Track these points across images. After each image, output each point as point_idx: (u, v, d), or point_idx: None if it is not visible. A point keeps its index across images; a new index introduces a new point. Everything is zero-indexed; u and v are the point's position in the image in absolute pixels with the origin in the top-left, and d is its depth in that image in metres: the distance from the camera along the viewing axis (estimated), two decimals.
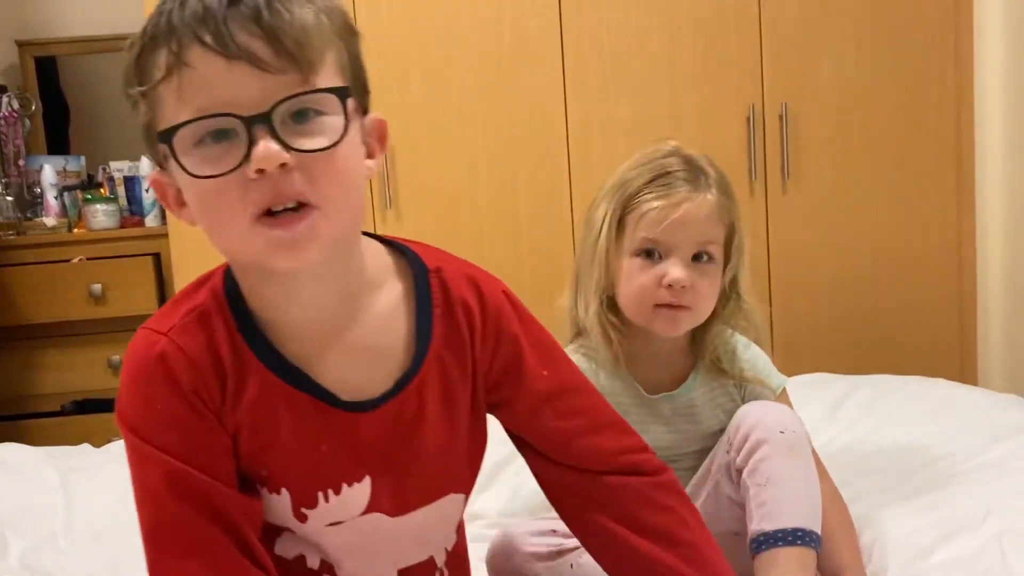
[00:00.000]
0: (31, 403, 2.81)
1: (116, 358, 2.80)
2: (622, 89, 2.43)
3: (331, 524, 0.88)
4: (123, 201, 2.98)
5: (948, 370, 2.36)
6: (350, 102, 0.78)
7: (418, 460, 0.88)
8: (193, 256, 2.46)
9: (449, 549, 0.97)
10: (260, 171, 0.73)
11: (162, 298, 2.77)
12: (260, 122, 0.73)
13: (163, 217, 2.80)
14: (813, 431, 1.17)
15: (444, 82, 2.42)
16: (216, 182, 0.74)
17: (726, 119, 2.43)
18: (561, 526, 1.20)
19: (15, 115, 3.08)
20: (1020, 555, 1.07)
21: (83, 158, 3.16)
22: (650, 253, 1.17)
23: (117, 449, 1.77)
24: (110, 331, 2.78)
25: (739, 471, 1.11)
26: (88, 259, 2.77)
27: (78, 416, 2.79)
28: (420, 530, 0.92)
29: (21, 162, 3.09)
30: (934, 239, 2.47)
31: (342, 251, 0.82)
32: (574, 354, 1.25)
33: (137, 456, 0.85)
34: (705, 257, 1.18)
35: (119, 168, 3.03)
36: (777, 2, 2.40)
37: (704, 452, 1.23)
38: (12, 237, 2.85)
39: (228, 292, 0.85)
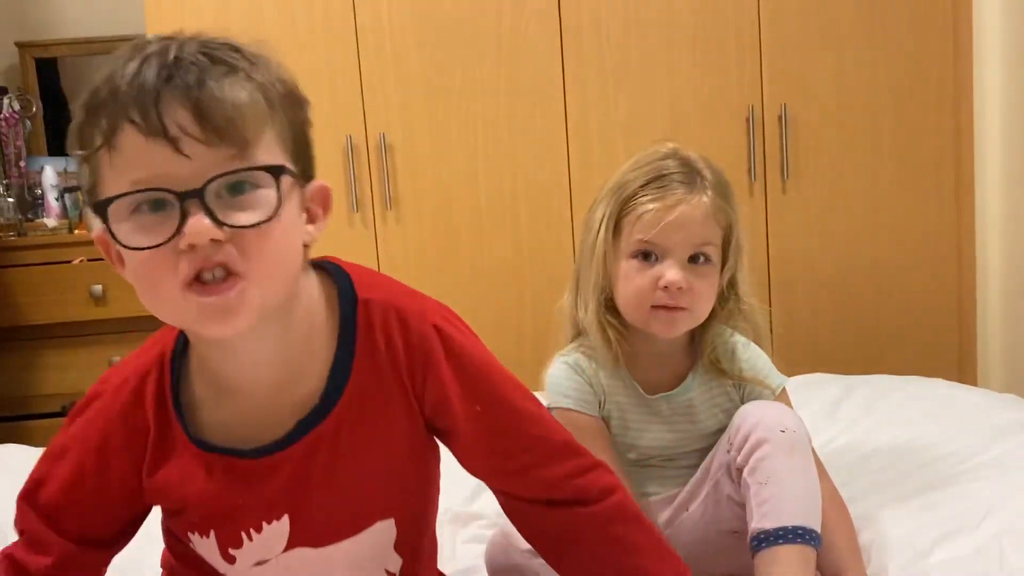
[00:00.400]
0: (32, 404, 2.81)
1: (117, 359, 2.80)
2: (621, 90, 2.43)
3: (257, 564, 0.90)
4: None
5: (947, 370, 2.36)
6: (285, 179, 0.79)
7: (336, 495, 0.88)
8: None
9: (394, 571, 0.95)
10: (191, 245, 0.74)
11: None
12: (192, 197, 0.74)
13: None
14: (812, 431, 1.17)
15: (444, 83, 2.43)
16: (149, 252, 0.75)
17: (725, 120, 2.43)
18: None
19: (16, 116, 3.09)
20: (1019, 554, 1.07)
21: None
22: (647, 255, 1.18)
23: None
24: (111, 332, 2.78)
25: (739, 470, 1.11)
26: (89, 260, 2.77)
27: None
28: (350, 559, 0.91)
29: (22, 163, 3.09)
30: (933, 239, 2.48)
31: (276, 316, 0.83)
32: (574, 352, 1.26)
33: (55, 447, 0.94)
34: (702, 259, 1.18)
35: None
36: (776, 3, 2.40)
37: (704, 451, 1.23)
38: (13, 238, 2.85)
39: (175, 354, 0.90)
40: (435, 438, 0.94)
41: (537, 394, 1.24)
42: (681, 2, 2.41)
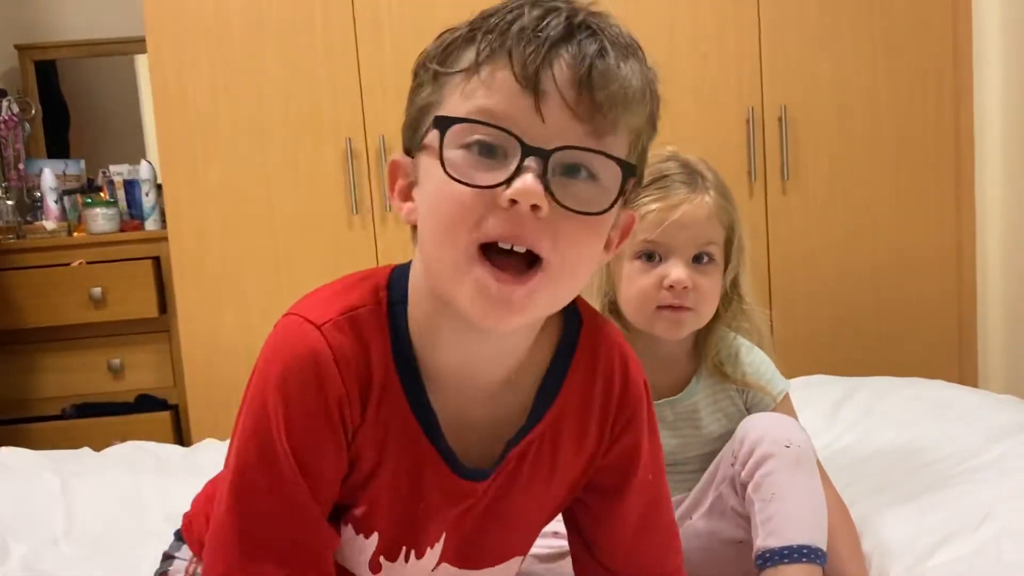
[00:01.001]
0: (31, 407, 2.81)
1: (116, 362, 2.80)
2: None
3: None
4: (123, 205, 2.98)
5: (948, 371, 2.36)
6: (630, 181, 0.73)
7: (498, 525, 0.83)
8: (193, 260, 2.46)
9: None
10: (513, 202, 0.67)
11: (162, 302, 2.77)
12: (537, 155, 0.68)
13: (163, 220, 2.80)
14: (812, 433, 1.17)
15: None
16: (464, 191, 0.68)
17: (726, 121, 2.43)
18: (563, 528, 1.20)
19: (15, 119, 3.09)
20: (1018, 556, 1.07)
21: (83, 162, 3.17)
22: (650, 256, 1.18)
23: (117, 453, 1.77)
24: (110, 335, 2.79)
25: (744, 485, 1.10)
26: (88, 263, 2.77)
27: (78, 420, 2.79)
28: None
29: (21, 166, 3.09)
30: (933, 240, 2.48)
31: (537, 327, 0.78)
32: None
33: (257, 440, 0.76)
34: (705, 258, 1.18)
35: (119, 172, 3.03)
36: (776, 4, 2.40)
37: (708, 456, 1.23)
38: (12, 241, 2.85)
39: (391, 302, 0.77)
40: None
41: None
42: (681, 4, 2.41)
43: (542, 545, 1.18)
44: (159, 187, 2.81)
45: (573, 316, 0.82)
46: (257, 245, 2.46)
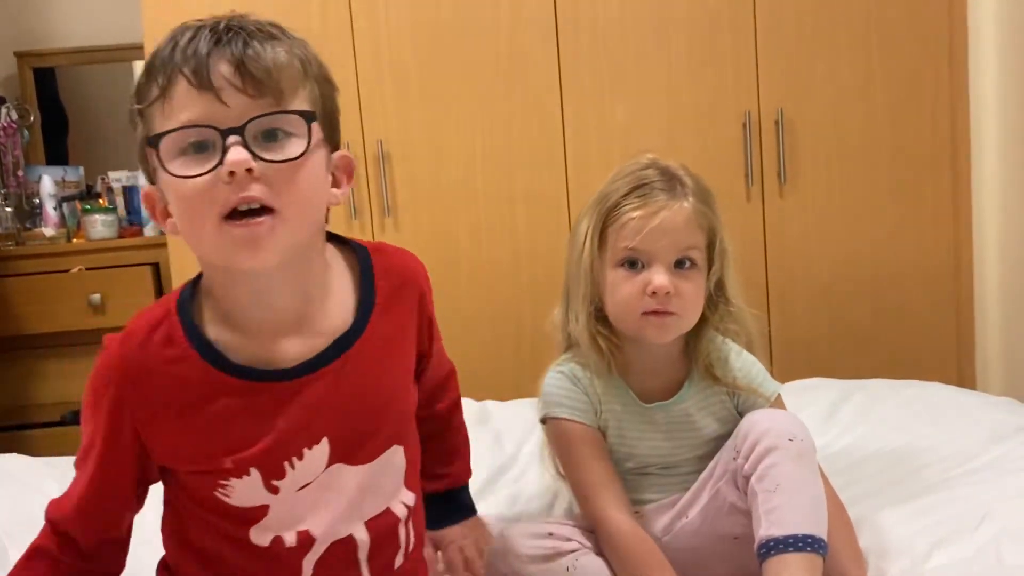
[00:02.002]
0: (31, 413, 2.82)
1: None
2: (618, 95, 2.44)
3: (301, 488, 0.95)
4: (122, 211, 2.99)
5: (946, 374, 2.36)
6: (315, 127, 0.88)
7: (370, 417, 0.97)
8: (192, 265, 2.45)
9: (409, 504, 1.02)
10: (231, 174, 0.83)
11: None
12: (234, 133, 0.84)
13: None
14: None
15: (441, 90, 2.43)
16: (193, 183, 0.85)
17: (722, 124, 2.44)
18: (557, 529, 1.21)
19: (14, 126, 3.09)
20: (1017, 557, 1.07)
21: (82, 168, 3.17)
22: (633, 263, 1.19)
23: None
24: None
25: (746, 477, 1.11)
26: (87, 269, 2.78)
27: (77, 426, 2.78)
28: (375, 480, 0.99)
29: (20, 173, 3.10)
30: (931, 243, 2.48)
31: (300, 259, 0.92)
32: (569, 363, 1.27)
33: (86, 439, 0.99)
34: (687, 263, 1.20)
35: (118, 178, 3.04)
36: (772, 7, 2.41)
37: (701, 459, 1.24)
38: (11, 247, 2.85)
39: (180, 303, 0.94)
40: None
41: (532, 402, 1.26)
42: (677, 8, 2.42)
43: (537, 546, 1.19)
44: None
45: (363, 254, 1.01)
46: None
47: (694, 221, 1.19)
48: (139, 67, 3.05)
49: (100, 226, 2.86)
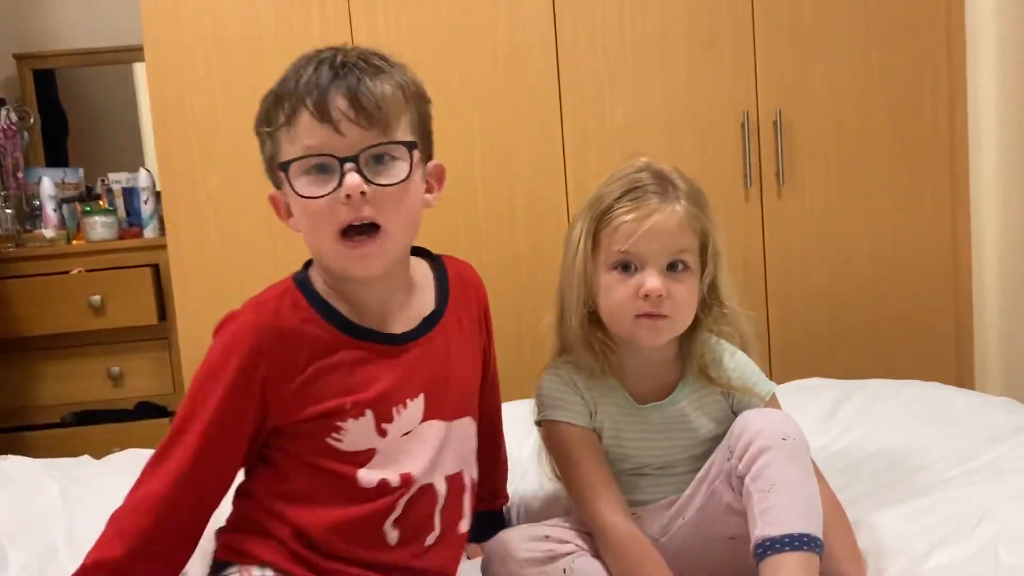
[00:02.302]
0: (31, 415, 2.82)
1: (116, 369, 2.81)
2: (617, 96, 2.44)
3: (403, 435, 1.11)
4: (122, 212, 2.99)
5: (945, 374, 2.36)
6: (416, 153, 1.08)
7: (450, 379, 1.16)
8: (192, 267, 2.47)
9: (474, 477, 1.20)
10: (348, 196, 1.02)
11: (161, 308, 2.78)
12: (349, 161, 1.03)
13: (161, 228, 2.81)
14: (809, 435, 1.18)
15: (440, 93, 2.41)
16: (316, 202, 1.04)
17: (721, 126, 2.44)
18: (555, 532, 1.21)
19: (13, 128, 3.09)
20: (1015, 558, 1.07)
21: (81, 170, 3.17)
22: (626, 266, 1.20)
23: (117, 460, 1.78)
24: (109, 342, 2.79)
25: (741, 478, 1.12)
26: (87, 270, 2.78)
27: (78, 428, 2.80)
28: (453, 440, 1.16)
29: (20, 174, 3.10)
30: (930, 243, 2.48)
31: (399, 265, 1.13)
32: (564, 365, 1.28)
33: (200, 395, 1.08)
34: (680, 266, 1.20)
35: (118, 180, 3.04)
36: (770, 9, 2.41)
37: (696, 459, 1.24)
38: (11, 249, 2.85)
39: (298, 282, 1.12)
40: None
41: (526, 403, 1.27)
42: (675, 9, 2.42)
43: (534, 549, 1.19)
44: (158, 195, 2.81)
45: (440, 263, 1.24)
46: (256, 252, 2.47)
47: (687, 224, 1.19)
48: (139, 69, 3.09)
49: (100, 228, 2.86)
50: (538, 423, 1.29)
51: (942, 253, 2.49)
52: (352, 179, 1.02)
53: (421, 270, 1.20)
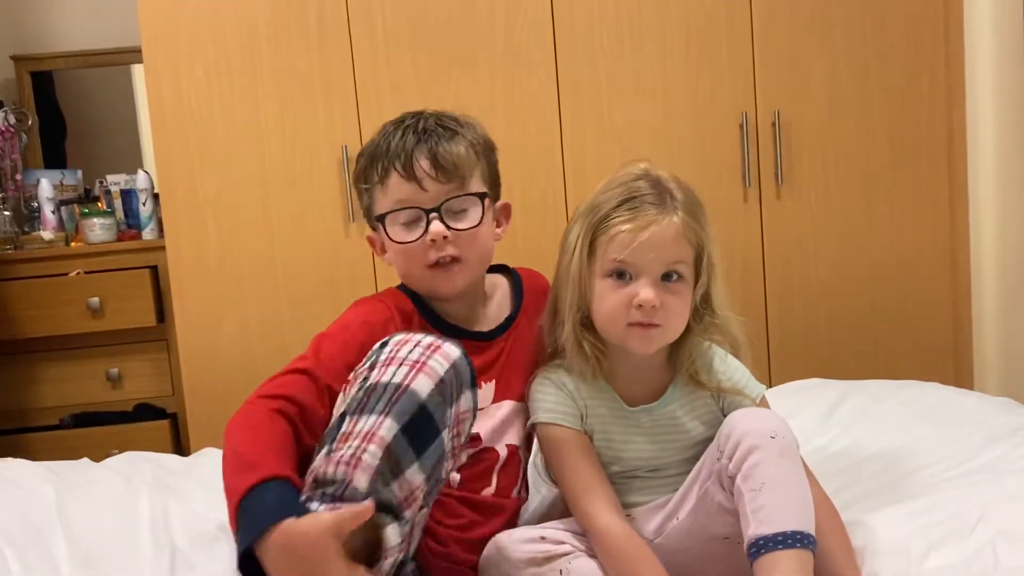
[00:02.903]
0: (30, 417, 2.82)
1: (115, 371, 2.81)
2: (615, 98, 2.44)
3: (482, 408, 1.27)
4: (120, 214, 2.99)
5: (943, 374, 2.37)
6: (487, 201, 1.31)
7: (519, 372, 1.35)
8: (190, 268, 2.47)
9: (524, 453, 1.36)
10: (433, 240, 1.26)
11: (160, 311, 2.78)
12: (433, 211, 1.27)
13: (160, 230, 2.80)
14: (807, 436, 1.18)
15: (438, 92, 2.43)
16: (408, 246, 1.28)
17: (719, 126, 2.45)
18: (550, 532, 1.22)
19: (12, 130, 3.09)
20: (1013, 559, 1.07)
21: (80, 172, 3.17)
22: (621, 274, 1.21)
23: (116, 463, 1.77)
24: (108, 344, 2.79)
25: (731, 477, 1.12)
26: (86, 272, 2.78)
27: (77, 430, 2.79)
28: (511, 419, 1.33)
29: (18, 176, 3.10)
30: (928, 243, 2.49)
31: (476, 283, 1.35)
32: (556, 369, 1.29)
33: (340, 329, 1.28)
34: (674, 276, 1.21)
35: (116, 181, 3.04)
36: (769, 9, 2.42)
37: (687, 461, 1.25)
38: (10, 251, 2.85)
39: (402, 287, 1.36)
40: None
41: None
42: (673, 9, 2.42)
43: (530, 550, 1.19)
44: (156, 196, 2.81)
45: (516, 276, 1.44)
46: (254, 254, 2.47)
47: (682, 236, 1.20)
48: (138, 71, 3.09)
49: (98, 229, 2.86)
50: (531, 426, 1.30)
51: (940, 253, 2.49)
52: (436, 227, 1.25)
53: (499, 285, 1.42)
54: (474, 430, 1.23)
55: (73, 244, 2.91)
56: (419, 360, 1.09)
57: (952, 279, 2.50)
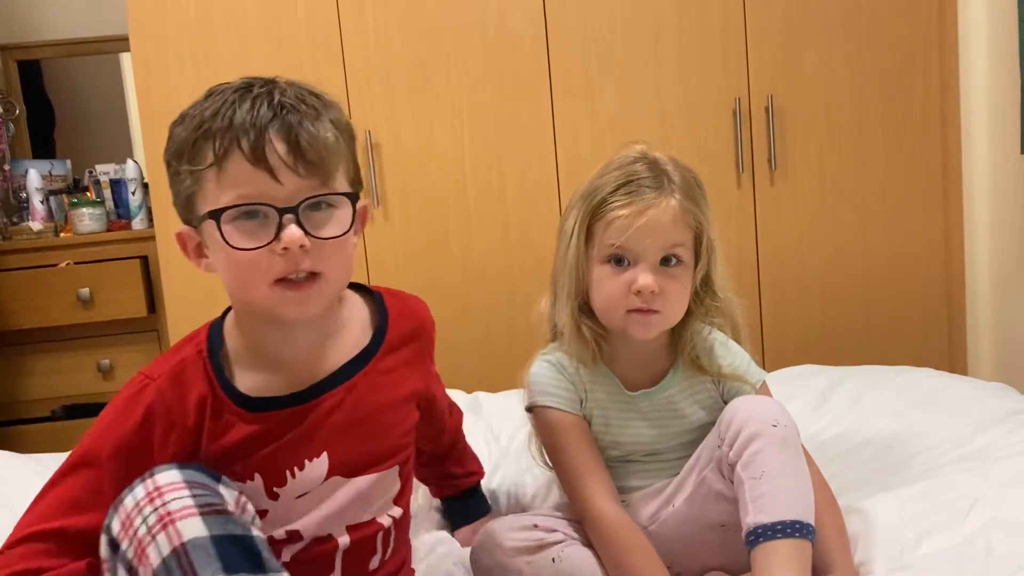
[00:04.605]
0: (20, 409, 2.81)
1: (106, 362, 2.79)
2: (608, 84, 2.43)
3: (299, 496, 1.04)
4: (110, 204, 2.97)
5: (937, 360, 2.37)
6: (357, 203, 1.00)
7: (369, 434, 1.08)
8: (180, 258, 2.44)
9: (395, 516, 1.13)
10: (285, 249, 0.94)
11: (150, 301, 2.76)
12: (289, 212, 0.94)
13: (150, 220, 2.79)
14: (800, 423, 1.17)
15: (429, 80, 2.42)
16: (248, 253, 0.94)
17: (712, 112, 2.43)
18: (543, 520, 1.21)
19: None
20: (1006, 545, 1.07)
21: (69, 162, 3.15)
22: (619, 260, 1.19)
23: None
24: (99, 335, 2.78)
25: (732, 465, 1.11)
26: (75, 263, 2.76)
27: (68, 421, 2.79)
28: (367, 494, 1.08)
29: (6, 167, 3.08)
30: (922, 228, 2.48)
31: (331, 305, 1.05)
32: (556, 352, 1.27)
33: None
34: (673, 260, 1.19)
35: (105, 171, 3.02)
36: None
37: (686, 446, 1.24)
38: None
39: (209, 344, 1.04)
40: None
41: (518, 392, 1.28)
42: None
43: (523, 538, 1.19)
44: (146, 186, 2.80)
45: (377, 295, 1.15)
46: None
47: (680, 219, 1.18)
48: (126, 59, 3.06)
49: (88, 220, 2.84)
50: (528, 409, 1.29)
51: (934, 238, 2.49)
52: (292, 232, 0.93)
53: (355, 310, 1.12)
54: (293, 525, 1.04)
55: (62, 235, 2.89)
56: (142, 545, 0.86)
57: (946, 265, 2.50)
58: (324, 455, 1.05)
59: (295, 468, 1.03)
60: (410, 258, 2.47)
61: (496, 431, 1.74)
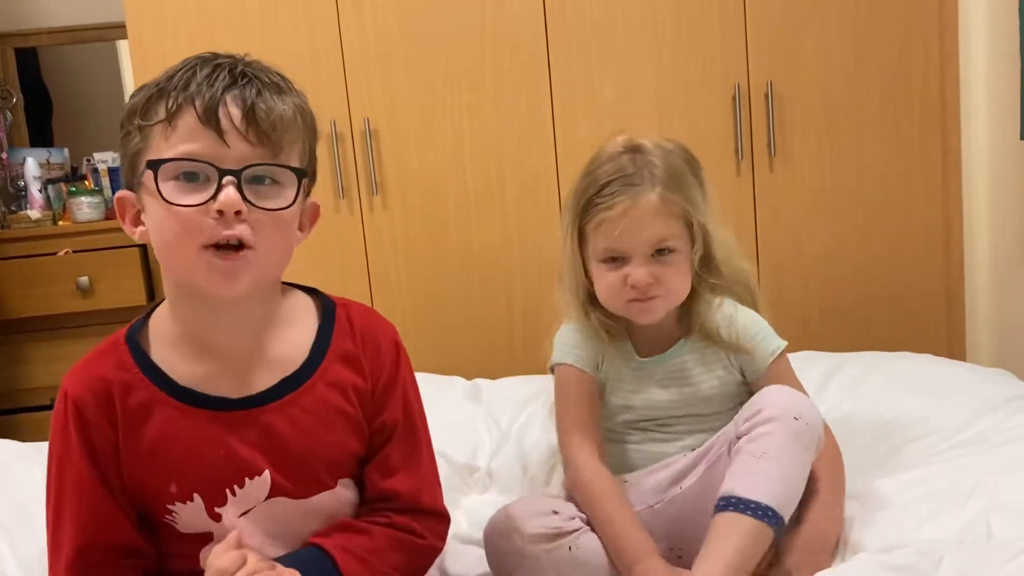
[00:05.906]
0: (20, 398, 2.81)
1: None
2: (607, 69, 2.42)
3: (242, 515, 1.02)
4: (108, 192, 2.96)
5: (937, 346, 2.37)
6: (304, 182, 0.99)
7: (305, 455, 1.02)
8: None
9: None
10: (220, 212, 0.92)
11: (150, 289, 2.76)
12: (231, 175, 0.92)
13: None
14: None
15: (427, 66, 2.41)
16: (180, 210, 0.92)
17: (711, 98, 2.43)
18: (563, 507, 1.21)
19: None
20: (1006, 531, 1.07)
21: (66, 150, 3.14)
22: (613, 258, 1.24)
23: None
24: (98, 323, 2.77)
25: (738, 437, 1.13)
26: (74, 252, 2.76)
27: None
28: (309, 515, 1.05)
29: (4, 155, 3.07)
30: (921, 214, 2.48)
31: (264, 292, 1.02)
32: (575, 332, 1.31)
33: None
34: (666, 251, 1.23)
35: (103, 159, 3.01)
36: None
37: (697, 417, 1.28)
38: None
39: (129, 334, 1.03)
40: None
41: (523, 379, 1.28)
42: None
43: (541, 525, 1.18)
44: None
45: (328, 304, 1.09)
46: None
47: (664, 212, 1.21)
48: (123, 46, 3.04)
49: (86, 208, 2.84)
50: (551, 369, 1.34)
51: (933, 224, 2.48)
52: (229, 195, 0.91)
53: (300, 310, 1.07)
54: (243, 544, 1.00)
55: (61, 223, 2.88)
56: None
57: (945, 250, 2.49)
58: (266, 473, 1.01)
59: (235, 486, 1.00)
60: (408, 246, 2.46)
61: (496, 416, 1.74)
